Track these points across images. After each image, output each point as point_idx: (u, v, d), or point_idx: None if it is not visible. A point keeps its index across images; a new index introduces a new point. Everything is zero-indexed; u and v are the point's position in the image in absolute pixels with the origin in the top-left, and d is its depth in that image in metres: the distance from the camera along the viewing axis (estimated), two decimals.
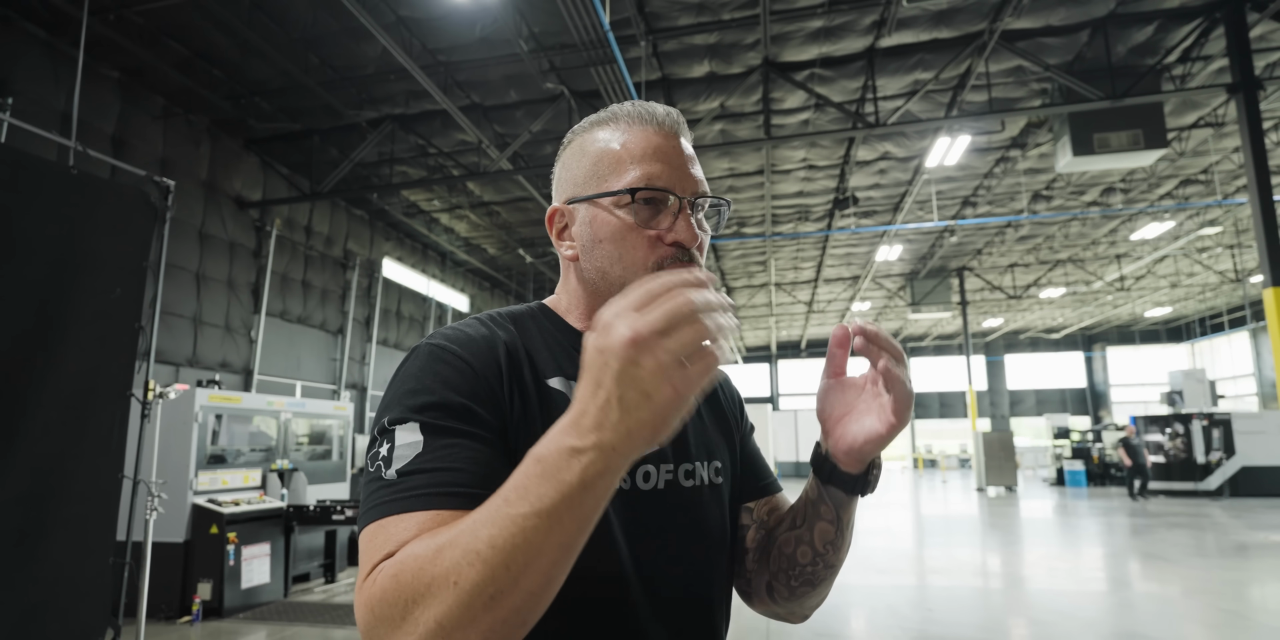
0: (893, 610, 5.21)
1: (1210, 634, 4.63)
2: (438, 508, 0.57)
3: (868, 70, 7.80)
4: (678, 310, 0.45)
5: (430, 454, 0.60)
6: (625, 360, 0.44)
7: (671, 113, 0.75)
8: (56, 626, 3.18)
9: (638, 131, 0.73)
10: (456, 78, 7.75)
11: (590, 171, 0.74)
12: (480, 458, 0.61)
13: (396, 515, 0.57)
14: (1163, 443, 14.39)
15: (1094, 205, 12.58)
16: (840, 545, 0.76)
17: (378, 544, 0.55)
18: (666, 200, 0.72)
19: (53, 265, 3.22)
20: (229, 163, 8.92)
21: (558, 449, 0.47)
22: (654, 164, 0.71)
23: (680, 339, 0.44)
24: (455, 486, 0.58)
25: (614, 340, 0.45)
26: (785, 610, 0.82)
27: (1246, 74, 6.67)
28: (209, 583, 5.09)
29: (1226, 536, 8.64)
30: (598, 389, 0.46)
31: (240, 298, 9.14)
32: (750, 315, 22.35)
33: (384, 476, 0.60)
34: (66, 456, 3.23)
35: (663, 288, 0.46)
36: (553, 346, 0.75)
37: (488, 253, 14.77)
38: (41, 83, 6.38)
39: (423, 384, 0.65)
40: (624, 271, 0.72)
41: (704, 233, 0.75)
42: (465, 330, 0.71)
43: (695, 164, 0.75)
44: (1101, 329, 26.62)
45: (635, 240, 0.71)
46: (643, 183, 0.71)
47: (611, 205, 0.72)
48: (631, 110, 0.75)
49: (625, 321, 0.45)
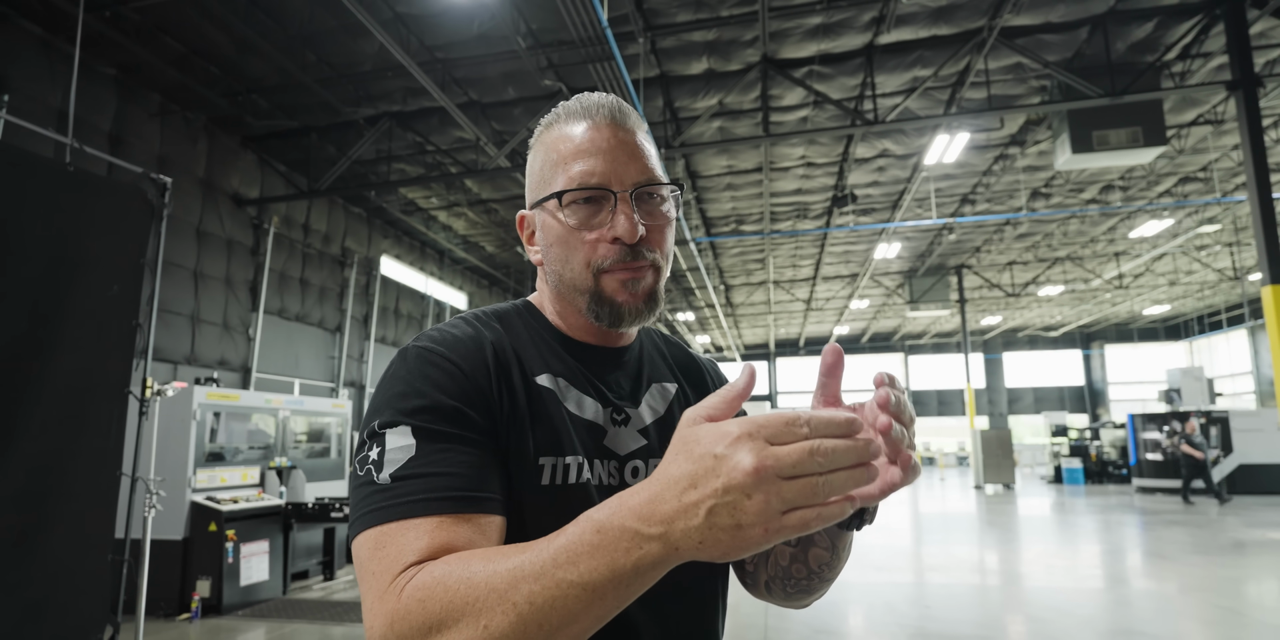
0: (890, 607, 5.22)
1: (1207, 631, 4.64)
2: (439, 513, 0.57)
3: (866, 67, 7.79)
4: (811, 462, 0.42)
5: (424, 458, 0.60)
6: (735, 487, 0.42)
7: (608, 102, 0.73)
8: (56, 624, 3.18)
9: (573, 128, 0.72)
10: (454, 75, 7.73)
11: (538, 176, 0.75)
12: (474, 461, 0.61)
13: (399, 521, 0.56)
14: (1160, 440, 14.41)
15: (1093, 203, 12.59)
16: (835, 565, 0.75)
17: (390, 553, 0.55)
18: (606, 197, 0.70)
19: (50, 263, 3.21)
20: (226, 160, 8.90)
21: (621, 528, 0.46)
22: (587, 160, 0.70)
23: (799, 489, 0.42)
24: (453, 490, 0.58)
25: (735, 461, 0.42)
26: (783, 605, 0.84)
27: (1246, 71, 6.66)
28: (208, 580, 5.09)
29: (1224, 534, 8.66)
30: (690, 488, 0.44)
31: (238, 295, 9.13)
32: (749, 313, 22.35)
33: (376, 481, 0.59)
34: (65, 454, 3.22)
35: (809, 427, 0.43)
36: (539, 344, 0.75)
37: (486, 250, 14.75)
38: (38, 80, 6.36)
39: (412, 387, 0.64)
40: (572, 275, 0.72)
41: (656, 222, 0.72)
42: (452, 331, 0.71)
43: (639, 153, 0.72)
44: (1100, 327, 26.66)
45: (575, 243, 0.71)
46: (575, 183, 0.70)
47: (554, 209, 0.72)
48: (570, 107, 0.74)
49: (755, 449, 0.42)
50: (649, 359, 0.84)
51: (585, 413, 0.73)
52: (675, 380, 0.84)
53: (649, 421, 0.77)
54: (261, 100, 8.18)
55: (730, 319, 22.86)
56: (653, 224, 0.72)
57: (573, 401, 0.72)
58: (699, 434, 0.45)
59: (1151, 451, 14.54)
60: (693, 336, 23.22)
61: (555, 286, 0.76)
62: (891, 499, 14.13)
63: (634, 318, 0.72)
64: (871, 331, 27.21)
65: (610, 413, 0.74)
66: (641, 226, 0.70)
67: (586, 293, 0.72)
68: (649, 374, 0.82)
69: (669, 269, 0.76)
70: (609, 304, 0.71)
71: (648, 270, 0.72)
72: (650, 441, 0.76)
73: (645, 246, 0.71)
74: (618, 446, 0.73)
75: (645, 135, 0.75)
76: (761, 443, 0.42)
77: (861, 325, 25.68)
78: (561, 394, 0.72)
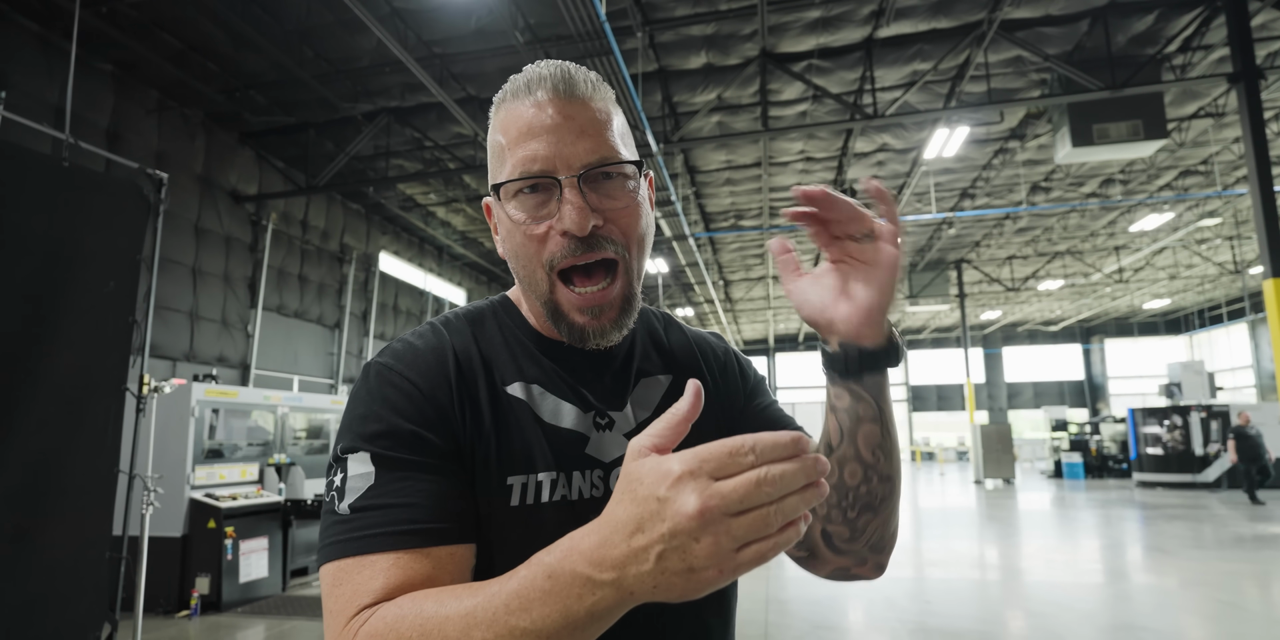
0: (891, 602, 5.22)
1: (1208, 626, 4.64)
2: (397, 549, 0.55)
3: (866, 61, 7.76)
4: (759, 493, 0.39)
5: (382, 488, 0.58)
6: (681, 531, 0.40)
7: (552, 73, 0.65)
8: (54, 621, 3.17)
9: (514, 110, 0.65)
10: (452, 70, 7.70)
11: (491, 165, 0.69)
12: (434, 489, 0.59)
13: (356, 557, 0.56)
14: (1160, 435, 14.41)
15: (1093, 197, 12.56)
16: (890, 449, 0.66)
17: (346, 592, 0.55)
18: (553, 184, 0.63)
19: (46, 259, 3.19)
20: (224, 156, 8.87)
21: (573, 573, 0.44)
22: (529, 144, 0.63)
23: (750, 524, 0.40)
24: (412, 524, 0.57)
25: (678, 506, 0.40)
26: (855, 559, 0.69)
27: (1247, 63, 6.63)
28: (207, 577, 5.09)
29: (1224, 528, 8.67)
30: (637, 532, 0.42)
31: (236, 292, 9.11)
32: (748, 308, 22.34)
33: (337, 511, 0.59)
34: (62, 452, 3.21)
35: (750, 456, 0.40)
36: (513, 347, 0.71)
37: (484, 246, 14.73)
38: (35, 76, 6.33)
39: (371, 410, 0.62)
40: (529, 275, 0.66)
41: (616, 203, 0.64)
42: (416, 343, 0.68)
43: (591, 129, 0.64)
44: (1100, 321, 26.64)
45: (524, 238, 0.65)
46: (516, 172, 0.63)
47: (503, 201, 0.66)
48: (515, 82, 0.67)
49: (697, 489, 0.40)
50: (641, 351, 0.77)
51: (564, 421, 0.68)
52: (669, 371, 0.77)
53: (635, 423, 0.71)
54: (259, 96, 8.15)
55: (729, 314, 22.85)
56: (613, 207, 0.64)
57: (548, 410, 0.68)
58: (641, 472, 0.43)
59: (1152, 445, 14.55)
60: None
61: (520, 285, 0.71)
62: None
63: (599, 337, 0.67)
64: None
65: (593, 417, 0.69)
66: (596, 216, 0.63)
67: (544, 300, 0.67)
68: (639, 368, 0.75)
69: (644, 259, 0.69)
70: (567, 323, 0.66)
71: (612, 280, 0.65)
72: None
73: (604, 236, 0.64)
74: (602, 454, 0.68)
75: (605, 103, 0.66)
76: (705, 480, 0.40)
77: None
78: (535, 403, 0.68)
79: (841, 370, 0.65)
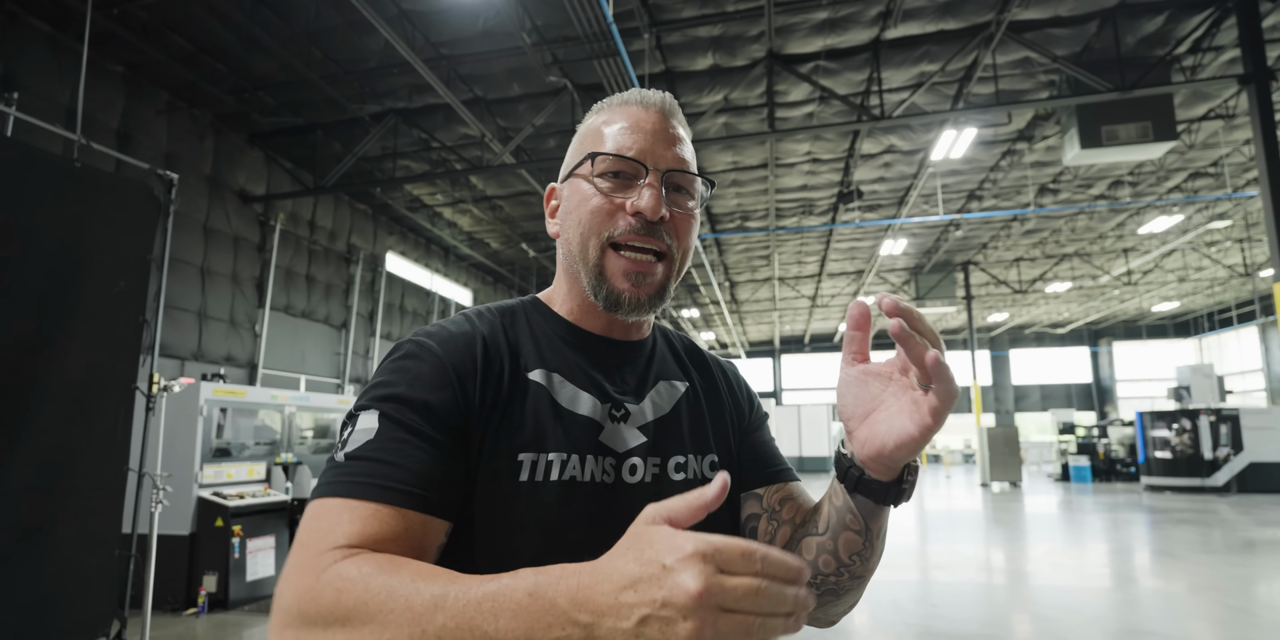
0: (896, 605, 5.20)
1: (1216, 630, 4.61)
2: (377, 501, 0.58)
3: (873, 62, 7.74)
4: (753, 601, 0.40)
5: (380, 444, 0.62)
6: (674, 604, 0.41)
7: (659, 94, 0.76)
8: (63, 618, 3.20)
9: (620, 110, 0.75)
10: (459, 71, 7.73)
11: (575, 149, 0.77)
12: (425, 459, 0.62)
13: (340, 498, 0.58)
14: (1169, 438, 14.32)
15: (1101, 199, 12.49)
16: (869, 556, 0.69)
17: (323, 527, 0.57)
18: (638, 173, 0.71)
19: (57, 259, 3.22)
20: (233, 157, 8.93)
21: (551, 603, 0.45)
22: (627, 136, 0.72)
23: (735, 625, 0.41)
24: (398, 483, 0.59)
25: (680, 580, 0.40)
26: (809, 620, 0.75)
27: (1258, 64, 6.59)
28: (214, 575, 5.11)
29: (1233, 533, 8.60)
30: (629, 589, 0.42)
31: (244, 292, 9.16)
32: (754, 310, 22.31)
33: (336, 457, 0.63)
34: (72, 450, 3.24)
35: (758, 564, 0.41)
36: (539, 338, 0.76)
37: (491, 247, 14.77)
38: (46, 77, 6.39)
39: (392, 377, 0.67)
40: (582, 239, 0.72)
41: (681, 211, 0.73)
42: (448, 327, 0.72)
43: (678, 143, 0.74)
44: (1108, 324, 26.49)
45: (598, 207, 0.72)
46: (611, 151, 0.72)
47: (586, 175, 0.73)
48: (624, 95, 0.77)
49: (704, 573, 0.40)
50: (661, 356, 0.83)
51: (580, 408, 0.72)
52: (687, 379, 0.83)
53: (650, 418, 0.75)
54: (268, 97, 8.20)
55: (735, 316, 22.82)
56: (677, 212, 0.73)
57: (566, 397, 0.72)
58: (654, 537, 0.43)
59: (1160, 449, 14.45)
60: (697, 333, 23.21)
61: (565, 258, 0.77)
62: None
63: (633, 307, 0.72)
64: (877, 328, 27.11)
65: (609, 408, 0.73)
66: (665, 209, 0.71)
67: (590, 264, 0.72)
68: (658, 371, 0.81)
69: (685, 266, 0.76)
70: (607, 285, 0.72)
71: (660, 263, 0.72)
72: (650, 438, 0.74)
73: (665, 230, 0.72)
74: (615, 443, 0.72)
75: (687, 135, 0.77)
76: (713, 568, 0.40)
77: None
78: (554, 389, 0.72)
79: (840, 478, 0.67)
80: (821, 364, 29.30)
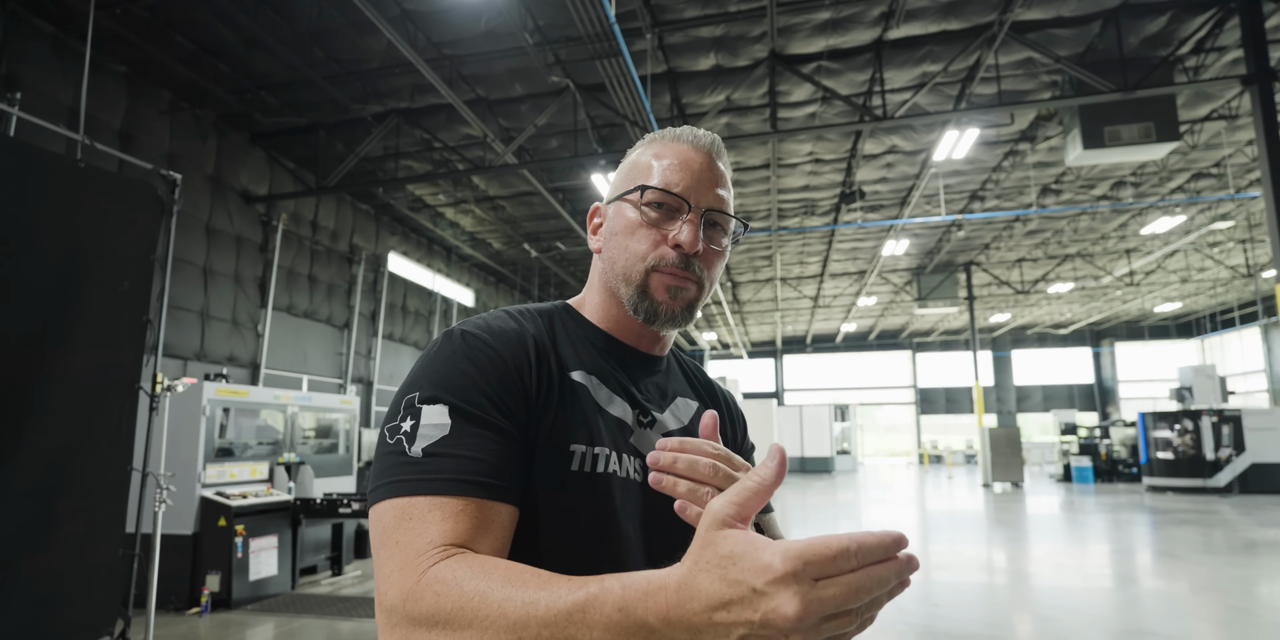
0: (898, 605, 5.20)
1: (1218, 631, 4.60)
2: (466, 495, 0.60)
3: (875, 63, 7.74)
4: (856, 599, 0.40)
5: (457, 439, 0.63)
6: (774, 626, 0.40)
7: (710, 137, 0.82)
8: (67, 617, 3.21)
9: (671, 146, 0.81)
10: (461, 71, 7.73)
11: (625, 176, 0.83)
12: (502, 451, 0.64)
13: (427, 497, 0.60)
14: (1171, 439, 14.30)
15: (1104, 199, 12.48)
16: None
17: (417, 527, 0.59)
18: (681, 208, 0.77)
19: (61, 259, 3.23)
20: (235, 157, 8.94)
21: (641, 623, 0.45)
22: (675, 173, 0.78)
23: (837, 623, 0.41)
24: (481, 476, 0.62)
25: (777, 604, 0.40)
26: None
27: (1261, 65, 6.58)
28: (217, 575, 5.12)
29: (1235, 533, 8.59)
30: (721, 609, 0.42)
31: (247, 292, 9.17)
32: (756, 310, 22.31)
33: (408, 453, 0.63)
34: (76, 449, 3.25)
35: (854, 560, 0.40)
36: (575, 341, 0.80)
37: (493, 247, 14.77)
38: (49, 77, 6.40)
39: (456, 367, 0.68)
40: (627, 265, 0.78)
41: (714, 247, 0.79)
42: (496, 323, 0.75)
43: (721, 184, 0.80)
44: (1110, 324, 26.45)
45: (642, 235, 0.77)
46: (661, 185, 0.77)
47: (632, 203, 0.79)
48: (675, 131, 0.83)
49: (800, 593, 0.40)
50: (675, 375, 0.89)
51: (614, 410, 0.76)
52: (698, 399, 0.88)
53: (673, 428, 0.81)
54: (270, 97, 8.21)
55: (737, 316, 22.82)
56: (710, 248, 0.79)
57: (603, 399, 0.76)
58: (734, 550, 0.43)
59: (1162, 450, 14.43)
60: (699, 334, 23.20)
61: (605, 274, 0.82)
62: (897, 496, 14.10)
63: (668, 320, 0.78)
64: (879, 329, 27.10)
65: (638, 414, 0.78)
66: (701, 244, 0.76)
67: (633, 285, 0.77)
68: (675, 387, 0.86)
69: (710, 294, 0.82)
70: (649, 300, 0.77)
71: (693, 283, 0.78)
72: None
73: (698, 262, 0.77)
74: (643, 447, 0.76)
75: (729, 177, 0.83)
76: (808, 584, 0.40)
77: (869, 322, 25.57)
78: (594, 390, 0.76)
79: None
80: (823, 364, 29.29)
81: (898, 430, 29.89)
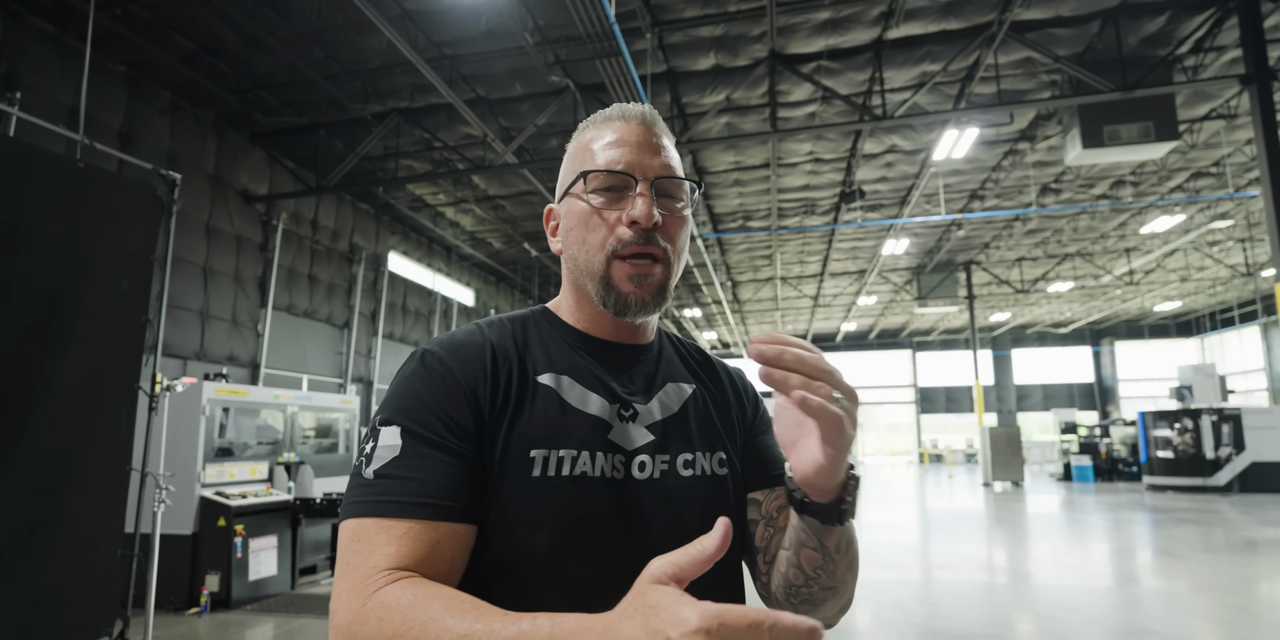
0: (898, 605, 5.20)
1: (1218, 630, 4.61)
2: (408, 517, 0.63)
3: (875, 62, 7.74)
4: None
5: (406, 461, 0.65)
6: None
7: (639, 107, 0.80)
8: (66, 617, 3.21)
9: (603, 126, 0.79)
10: (461, 71, 7.73)
11: (567, 169, 0.81)
12: (449, 471, 0.66)
13: (374, 518, 0.63)
14: (1171, 438, 14.31)
15: (1103, 198, 12.48)
16: (833, 570, 0.71)
17: (364, 549, 0.62)
18: (628, 185, 0.75)
19: (60, 258, 3.23)
20: (235, 157, 8.93)
21: None
22: (613, 150, 0.76)
23: None
24: (426, 497, 0.64)
25: None
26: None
27: (1260, 64, 6.58)
28: (217, 574, 5.12)
29: (1235, 532, 8.60)
30: None
31: (247, 291, 9.17)
32: (755, 310, 22.31)
33: (363, 474, 0.66)
34: (75, 449, 3.25)
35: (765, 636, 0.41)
36: (549, 344, 0.80)
37: (493, 247, 14.77)
38: (49, 77, 6.39)
39: (411, 388, 0.70)
40: (587, 258, 0.76)
41: (673, 215, 0.76)
42: (458, 338, 0.76)
43: (663, 150, 0.77)
44: (1110, 323, 26.47)
45: (595, 224, 0.75)
46: (602, 168, 0.75)
47: (580, 193, 0.77)
48: (605, 111, 0.81)
49: None
50: (668, 360, 0.86)
51: (589, 408, 0.75)
52: (694, 381, 0.86)
53: (659, 417, 0.79)
54: (270, 97, 8.21)
55: (737, 315, 22.82)
56: (669, 216, 0.76)
57: (575, 398, 0.75)
58: (660, 602, 0.44)
59: (1162, 449, 14.44)
60: (699, 333, 23.20)
61: (571, 273, 0.80)
62: (898, 495, 14.10)
63: (639, 309, 0.76)
64: (879, 328, 27.10)
65: (617, 409, 0.76)
66: (658, 214, 0.74)
67: (597, 278, 0.76)
68: (665, 373, 0.84)
69: (681, 266, 0.79)
70: (615, 292, 0.75)
71: (657, 265, 0.75)
72: (658, 437, 0.77)
73: (660, 235, 0.75)
74: (624, 441, 0.75)
75: (670, 142, 0.80)
76: None
77: (869, 322, 25.58)
78: (563, 391, 0.75)
79: (789, 499, 0.70)
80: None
81: (898, 429, 29.90)
